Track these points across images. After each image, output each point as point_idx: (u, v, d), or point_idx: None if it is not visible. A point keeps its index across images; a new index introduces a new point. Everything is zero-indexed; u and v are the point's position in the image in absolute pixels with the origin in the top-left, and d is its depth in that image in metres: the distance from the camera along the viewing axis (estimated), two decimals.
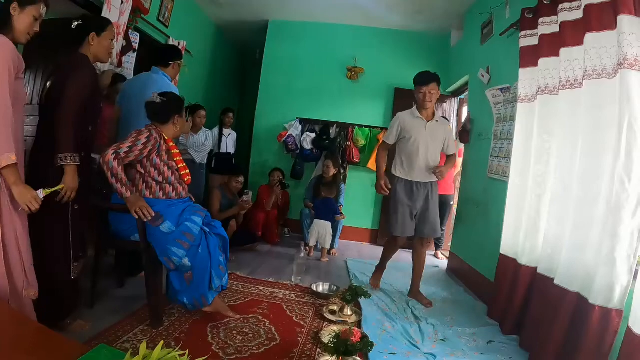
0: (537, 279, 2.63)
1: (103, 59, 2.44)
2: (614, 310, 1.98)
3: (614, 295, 1.98)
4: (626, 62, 1.93)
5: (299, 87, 6.26)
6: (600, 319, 2.03)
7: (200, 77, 6.29)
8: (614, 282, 1.98)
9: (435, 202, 3.52)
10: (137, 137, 2.46)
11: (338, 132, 6.06)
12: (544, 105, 2.73)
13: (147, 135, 2.48)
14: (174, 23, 5.03)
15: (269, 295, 3.36)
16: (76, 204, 2.22)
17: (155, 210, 2.47)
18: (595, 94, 2.21)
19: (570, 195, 2.41)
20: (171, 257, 2.43)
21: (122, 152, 2.37)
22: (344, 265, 4.67)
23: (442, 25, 5.79)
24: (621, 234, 1.96)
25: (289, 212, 5.92)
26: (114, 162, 2.32)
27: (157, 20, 4.68)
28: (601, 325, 2.02)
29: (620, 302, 1.98)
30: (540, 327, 2.49)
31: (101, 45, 2.35)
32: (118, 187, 2.37)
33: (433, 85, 3.42)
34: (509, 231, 3.02)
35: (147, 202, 2.48)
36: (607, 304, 2.01)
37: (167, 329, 2.52)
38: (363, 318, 3.04)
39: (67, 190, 2.11)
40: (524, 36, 3.01)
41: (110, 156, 2.32)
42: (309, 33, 6.31)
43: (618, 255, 1.96)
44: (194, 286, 2.52)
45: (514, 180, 3.04)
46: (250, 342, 2.49)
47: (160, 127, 2.62)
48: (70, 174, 2.12)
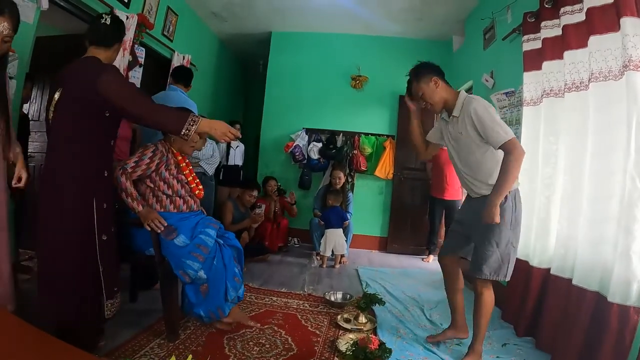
0: (551, 280, 2.63)
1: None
2: (632, 307, 1.99)
3: (631, 292, 1.99)
4: (631, 63, 1.95)
5: (304, 97, 6.31)
6: (619, 316, 2.03)
7: (204, 90, 6.34)
8: (631, 280, 1.98)
9: None
10: (143, 152, 2.50)
11: (344, 141, 6.10)
12: (549, 107, 2.75)
13: (152, 149, 2.52)
14: (178, 37, 5.10)
15: (282, 305, 3.36)
16: (104, 234, 2.03)
17: (169, 224, 2.49)
18: (601, 96, 2.23)
19: (582, 195, 2.42)
20: (187, 270, 2.44)
21: (128, 167, 2.40)
22: (355, 273, 4.67)
23: (443, 31, 5.85)
24: (635, 231, 1.97)
25: (297, 222, 5.93)
26: (121, 177, 2.36)
27: (161, 35, 4.75)
28: (620, 323, 2.03)
29: (638, 299, 1.98)
30: (559, 328, 2.49)
31: (117, 52, 2.23)
32: (129, 202, 2.40)
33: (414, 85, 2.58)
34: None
35: (164, 216, 2.51)
36: (626, 301, 2.01)
37: (184, 342, 2.52)
38: (378, 325, 3.04)
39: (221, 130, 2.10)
40: (526, 40, 3.04)
41: (118, 172, 2.36)
42: (312, 43, 6.38)
43: (634, 252, 1.97)
44: (210, 298, 2.53)
45: (522, 183, 3.04)
46: (268, 353, 2.49)
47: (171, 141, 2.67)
48: (205, 122, 2.05)
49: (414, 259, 5.66)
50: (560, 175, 2.63)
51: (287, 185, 5.79)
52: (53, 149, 1.99)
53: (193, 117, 1.96)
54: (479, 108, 2.24)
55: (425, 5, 5.07)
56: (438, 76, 2.47)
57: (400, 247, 5.97)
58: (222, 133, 2.08)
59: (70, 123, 1.95)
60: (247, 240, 4.59)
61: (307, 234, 5.44)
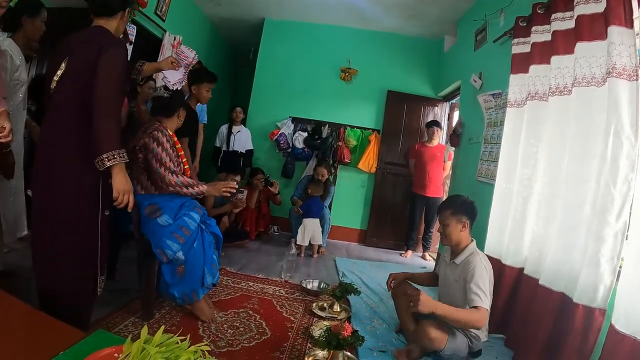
0: (523, 280, 2.69)
1: (119, 36, 2.11)
2: (598, 309, 2.05)
3: (597, 295, 2.04)
4: (615, 70, 2.00)
5: (292, 87, 6.28)
6: (584, 317, 2.09)
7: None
8: (598, 283, 2.04)
9: None
10: (162, 144, 2.51)
11: (330, 132, 6.09)
12: (533, 110, 2.79)
13: (161, 135, 2.53)
14: (171, 17, 5.02)
15: (259, 290, 3.38)
16: (107, 210, 1.95)
17: (154, 202, 2.49)
18: (583, 101, 2.28)
19: (558, 199, 2.48)
20: (165, 250, 2.44)
21: (173, 168, 2.49)
22: (332, 263, 4.71)
23: (435, 30, 5.87)
24: (606, 236, 2.02)
25: (278, 210, 5.91)
26: (172, 178, 2.47)
27: (154, 14, 4.67)
28: (585, 324, 2.08)
29: (604, 302, 2.04)
30: (526, 327, 2.55)
31: (124, 22, 2.06)
32: (195, 190, 2.52)
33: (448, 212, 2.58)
34: (494, 233, 3.07)
35: (148, 197, 2.52)
36: (591, 303, 2.07)
37: (158, 321, 2.53)
38: (353, 314, 3.09)
39: (121, 194, 1.86)
40: (516, 43, 3.08)
41: (170, 178, 2.46)
42: (304, 33, 6.34)
43: (602, 256, 2.02)
44: (186, 280, 2.53)
45: (500, 182, 3.10)
46: (241, 336, 2.51)
47: (165, 121, 2.66)
48: (120, 174, 1.85)
49: (393, 253, 5.71)
50: (539, 177, 2.67)
51: (269, 173, 5.77)
52: (53, 122, 1.88)
53: (118, 154, 1.80)
54: (478, 269, 2.33)
55: (420, 4, 5.07)
56: (469, 221, 2.53)
57: (379, 240, 6.02)
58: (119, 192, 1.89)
59: (75, 96, 1.82)
60: (227, 225, 4.58)
61: (287, 222, 5.45)
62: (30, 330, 1.37)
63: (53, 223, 1.84)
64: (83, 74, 1.80)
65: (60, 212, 1.84)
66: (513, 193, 2.90)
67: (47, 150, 1.86)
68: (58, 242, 1.86)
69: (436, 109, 6.09)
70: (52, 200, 1.85)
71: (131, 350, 1.06)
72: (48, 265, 1.86)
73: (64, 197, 1.84)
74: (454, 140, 4.79)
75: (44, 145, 1.89)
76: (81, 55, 1.84)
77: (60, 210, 1.84)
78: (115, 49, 1.86)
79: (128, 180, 1.88)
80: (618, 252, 2.00)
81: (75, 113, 1.81)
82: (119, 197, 1.86)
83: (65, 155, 1.83)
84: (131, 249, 2.96)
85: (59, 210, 1.84)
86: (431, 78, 6.19)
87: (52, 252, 1.85)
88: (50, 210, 1.86)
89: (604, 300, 2.04)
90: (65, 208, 1.83)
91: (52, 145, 1.85)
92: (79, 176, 1.85)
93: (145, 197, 2.52)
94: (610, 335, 1.91)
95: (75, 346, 1.21)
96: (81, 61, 1.83)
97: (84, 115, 1.78)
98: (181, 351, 1.10)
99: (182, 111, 2.75)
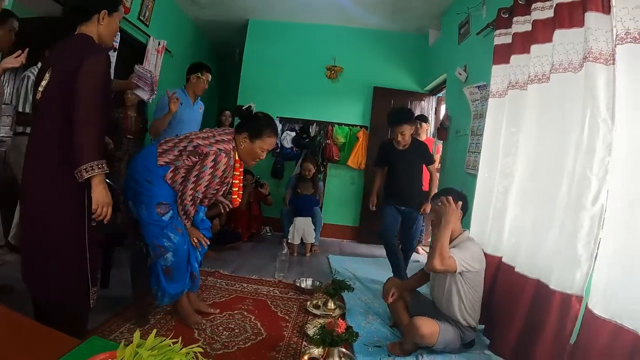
0: (502, 269, 2.69)
1: (107, 42, 2.04)
2: (574, 296, 2.03)
3: (574, 281, 2.03)
4: (591, 55, 2.00)
5: (278, 86, 6.28)
6: (561, 304, 2.08)
7: (181, 78, 6.15)
8: (575, 268, 2.03)
9: None
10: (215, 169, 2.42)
11: (318, 131, 6.12)
12: (513, 99, 2.80)
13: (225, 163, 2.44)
14: (155, 22, 5.03)
15: (253, 291, 3.38)
16: (93, 220, 1.89)
17: (167, 203, 2.44)
18: (561, 87, 2.29)
19: (536, 185, 2.49)
20: (164, 244, 2.39)
21: (199, 194, 2.45)
22: (326, 261, 4.73)
23: (420, 25, 5.90)
24: (582, 221, 2.00)
25: (270, 210, 5.92)
26: (190, 207, 2.46)
27: (137, 20, 4.68)
28: (561, 311, 2.07)
29: (581, 288, 2.02)
30: (503, 315, 2.55)
31: (110, 26, 1.99)
32: (185, 222, 2.49)
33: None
34: (477, 222, 3.07)
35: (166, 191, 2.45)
36: (568, 290, 2.06)
37: (153, 327, 2.50)
38: (347, 311, 3.11)
39: (100, 206, 1.82)
40: (498, 35, 3.09)
41: (188, 201, 2.44)
42: (289, 33, 6.35)
43: (579, 241, 2.01)
44: (174, 282, 2.51)
45: (482, 173, 3.10)
46: (237, 337, 2.52)
47: (242, 141, 2.56)
48: (99, 187, 1.80)
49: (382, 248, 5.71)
50: (519, 165, 2.68)
51: (259, 174, 5.76)
52: (39, 133, 1.87)
53: (97, 165, 1.77)
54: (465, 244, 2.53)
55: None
56: (463, 212, 2.68)
57: (371, 236, 5.96)
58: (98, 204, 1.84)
59: (58, 107, 1.79)
60: (219, 227, 4.56)
61: (279, 223, 5.46)
62: (25, 340, 1.37)
63: (40, 234, 1.83)
64: (65, 84, 1.77)
65: (46, 223, 1.83)
66: (495, 182, 2.90)
67: (33, 161, 1.85)
68: (46, 253, 1.85)
69: (423, 103, 6.12)
70: (39, 211, 1.84)
71: (124, 355, 1.06)
72: (38, 278, 1.86)
73: (49, 208, 1.83)
74: (442, 134, 4.81)
75: (30, 155, 1.87)
76: (63, 64, 1.81)
77: (47, 222, 1.83)
78: (95, 57, 1.81)
79: (108, 192, 1.84)
80: (595, 237, 1.97)
81: (59, 124, 1.80)
82: (98, 209, 1.82)
83: (50, 166, 1.82)
84: (124, 253, 2.94)
85: (45, 221, 1.83)
86: (417, 72, 6.22)
87: (41, 265, 1.85)
88: (37, 221, 1.86)
89: (581, 286, 2.02)
90: (51, 219, 1.83)
91: (37, 155, 1.84)
92: (63, 187, 1.83)
93: (160, 193, 2.42)
94: (588, 320, 1.89)
95: (70, 353, 1.21)
96: (63, 71, 1.80)
97: (67, 126, 1.76)
98: (173, 354, 1.10)
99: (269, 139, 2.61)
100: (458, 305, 2.47)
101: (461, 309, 2.47)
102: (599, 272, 1.91)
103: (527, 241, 2.48)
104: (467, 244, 2.52)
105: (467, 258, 2.40)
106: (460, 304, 2.47)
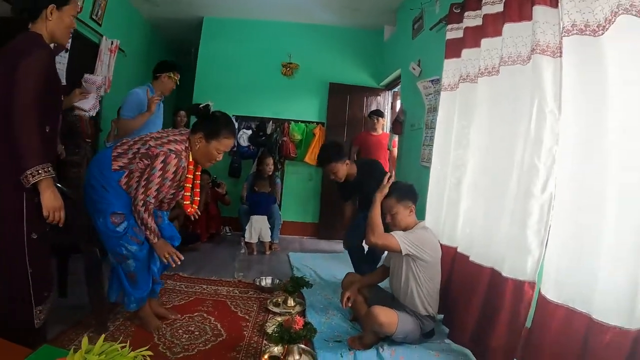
0: (457, 258, 2.74)
1: (61, 40, 1.91)
2: (527, 282, 2.08)
3: (526, 268, 2.08)
4: (538, 47, 2.06)
5: (234, 85, 6.21)
6: (514, 291, 2.13)
7: (134, 77, 6.04)
8: (526, 255, 2.08)
9: None
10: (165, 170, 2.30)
11: (274, 128, 6.09)
12: (464, 92, 2.86)
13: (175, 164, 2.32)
14: (107, 21, 4.88)
15: (212, 293, 3.34)
16: (34, 232, 1.77)
17: (122, 212, 2.34)
18: (510, 79, 2.34)
19: (487, 175, 2.55)
20: (122, 252, 2.33)
21: (151, 199, 2.31)
22: (286, 259, 4.72)
23: (375, 21, 5.94)
24: (532, 209, 2.06)
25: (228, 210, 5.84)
26: (144, 214, 2.30)
27: (90, 19, 4.53)
28: (515, 297, 2.12)
29: (533, 275, 2.07)
30: (459, 304, 2.61)
31: (61, 21, 1.85)
32: (146, 233, 2.34)
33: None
34: (432, 214, 3.12)
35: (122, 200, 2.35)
36: (520, 276, 2.11)
37: (113, 333, 2.45)
38: (307, 307, 3.11)
39: (52, 211, 1.74)
40: (450, 29, 3.14)
41: (140, 207, 2.28)
42: (244, 30, 6.28)
43: (529, 228, 2.06)
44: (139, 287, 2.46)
45: (435, 165, 3.15)
46: (197, 340, 2.49)
47: (198, 142, 2.44)
48: (47, 191, 1.72)
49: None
50: (470, 156, 2.73)
51: (216, 173, 5.67)
52: None
53: (43, 169, 1.69)
54: (416, 230, 2.57)
55: None
56: (414, 204, 2.67)
57: (331, 232, 6.00)
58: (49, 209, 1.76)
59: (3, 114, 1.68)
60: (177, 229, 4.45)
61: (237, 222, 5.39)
62: None
63: None
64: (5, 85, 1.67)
65: None
66: (447, 174, 2.95)
67: None
68: None
69: (379, 98, 6.18)
70: None
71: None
72: None
73: None
74: (397, 128, 4.87)
75: None
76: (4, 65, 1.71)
77: None
78: (31, 55, 1.71)
79: (57, 195, 1.76)
80: (545, 224, 2.03)
81: (2, 128, 1.69)
82: (50, 215, 1.75)
83: None
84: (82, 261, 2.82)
85: None
86: (372, 68, 6.29)
87: None
88: None
89: (533, 272, 2.07)
90: None
91: None
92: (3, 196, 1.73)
93: (115, 202, 2.33)
94: (541, 306, 1.93)
95: None
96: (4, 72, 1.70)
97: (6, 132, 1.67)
98: (121, 358, 1.14)
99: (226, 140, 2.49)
100: (417, 294, 2.50)
101: (420, 298, 2.50)
102: (550, 258, 1.96)
103: (480, 230, 2.54)
104: (418, 231, 2.55)
105: (412, 239, 2.45)
106: (418, 293, 2.50)
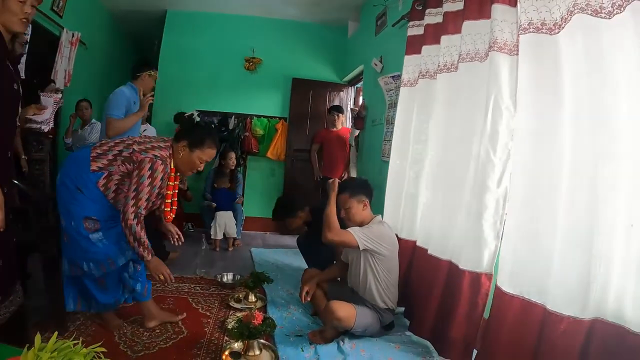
0: (416, 252, 2.80)
1: (13, 26, 1.68)
2: (484, 274, 2.14)
3: (482, 260, 2.14)
4: (496, 45, 2.11)
5: (197, 79, 6.12)
6: (471, 283, 2.19)
7: (96, 70, 5.93)
8: (482, 248, 2.14)
9: None
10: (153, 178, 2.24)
11: (236, 123, 6.02)
12: (423, 88, 2.91)
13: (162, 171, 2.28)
14: (69, 13, 4.70)
15: (174, 290, 3.28)
16: None
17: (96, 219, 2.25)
18: (468, 76, 2.40)
19: (444, 169, 2.61)
20: (83, 266, 2.25)
21: (142, 210, 2.21)
22: (249, 255, 4.69)
23: (339, 17, 5.95)
24: (487, 202, 2.12)
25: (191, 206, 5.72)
26: (137, 227, 2.18)
27: (50, 10, 4.35)
28: (473, 289, 2.18)
29: (489, 267, 2.13)
30: (419, 297, 2.66)
31: (9, 8, 1.64)
32: (139, 250, 2.22)
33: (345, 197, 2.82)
34: (390, 207, 3.18)
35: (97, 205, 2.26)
36: (477, 268, 2.17)
37: (73, 333, 2.38)
38: (268, 303, 3.10)
39: None
40: (411, 26, 3.18)
41: (132, 220, 2.16)
42: (207, 23, 6.18)
43: (485, 221, 2.12)
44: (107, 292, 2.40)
45: (394, 160, 3.20)
46: (157, 338, 2.46)
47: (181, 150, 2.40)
48: None
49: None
50: (429, 151, 2.78)
51: None
52: None
53: None
54: (373, 225, 2.58)
55: None
56: (368, 198, 2.67)
57: None
58: None
59: None
60: None
61: (200, 218, 5.34)
62: None
63: None
64: None
65: None
66: (406, 169, 3.00)
67: None
68: None
69: (342, 93, 6.21)
70: None
71: (26, 359, 1.06)
72: None
73: None
74: (359, 123, 4.90)
75: None
76: None
77: None
78: None
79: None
80: (500, 217, 2.09)
81: None
82: None
83: None
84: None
85: None
86: (336, 64, 6.30)
87: None
88: None
89: (490, 264, 2.13)
90: None
91: None
92: None
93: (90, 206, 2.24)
94: (497, 298, 1.98)
95: None
96: None
97: None
98: (73, 354, 1.11)
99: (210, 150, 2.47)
100: (375, 288, 2.53)
101: (379, 292, 2.53)
102: (505, 250, 2.02)
103: (438, 224, 2.60)
104: (374, 226, 2.57)
105: (369, 234, 2.47)
106: (377, 287, 2.53)
